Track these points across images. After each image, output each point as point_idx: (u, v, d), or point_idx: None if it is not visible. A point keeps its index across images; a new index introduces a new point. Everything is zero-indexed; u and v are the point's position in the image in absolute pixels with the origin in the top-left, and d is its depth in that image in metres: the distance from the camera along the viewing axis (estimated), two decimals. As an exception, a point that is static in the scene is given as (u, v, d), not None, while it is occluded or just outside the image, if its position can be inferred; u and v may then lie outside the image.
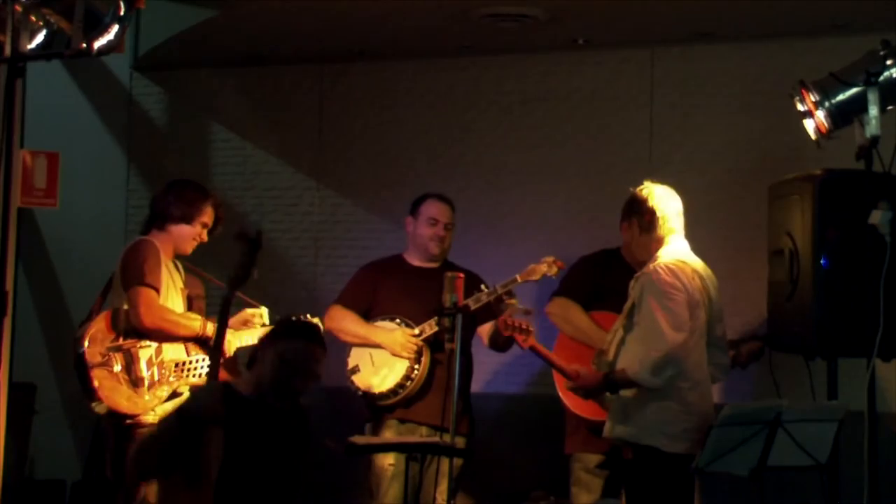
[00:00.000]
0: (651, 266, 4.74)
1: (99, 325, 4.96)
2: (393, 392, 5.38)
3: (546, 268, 5.27)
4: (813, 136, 4.40)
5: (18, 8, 3.72)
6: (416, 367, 5.36)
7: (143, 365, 4.91)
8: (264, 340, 4.28)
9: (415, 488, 4.89)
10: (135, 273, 4.95)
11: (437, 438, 5.13)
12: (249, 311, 5.18)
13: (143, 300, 4.90)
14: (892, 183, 4.15)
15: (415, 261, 5.58)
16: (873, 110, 4.13)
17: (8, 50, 3.73)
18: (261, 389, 4.15)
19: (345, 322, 5.50)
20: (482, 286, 5.23)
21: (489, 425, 6.08)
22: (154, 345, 4.95)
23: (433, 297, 5.02)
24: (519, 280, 5.23)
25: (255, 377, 4.17)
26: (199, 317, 5.10)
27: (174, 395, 4.95)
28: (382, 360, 5.41)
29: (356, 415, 5.57)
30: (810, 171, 4.65)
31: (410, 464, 4.80)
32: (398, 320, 5.43)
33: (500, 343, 5.46)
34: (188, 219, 5.11)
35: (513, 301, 5.25)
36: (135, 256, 5.00)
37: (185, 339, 5.00)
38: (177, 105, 7.58)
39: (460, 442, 5.22)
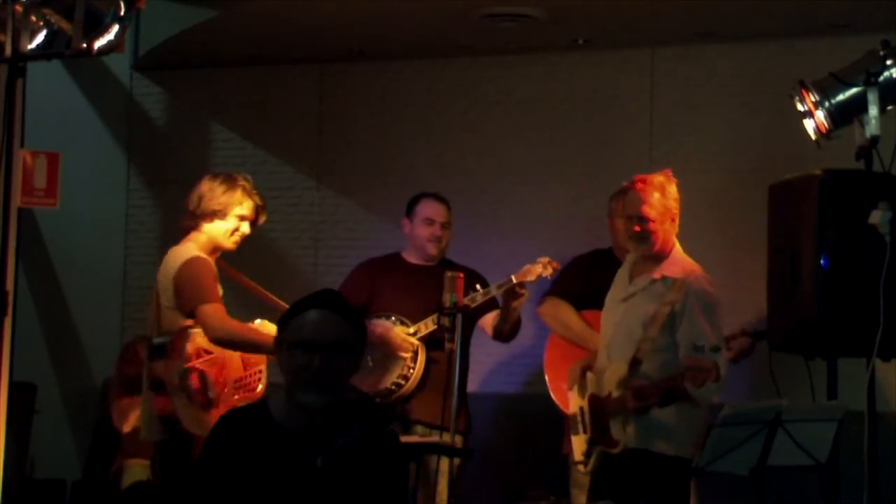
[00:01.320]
0: (688, 273, 4.67)
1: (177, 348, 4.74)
2: (388, 391, 5.37)
3: (541, 268, 5.26)
4: (813, 136, 4.39)
5: (18, 8, 3.72)
6: (412, 366, 5.35)
7: (213, 385, 4.73)
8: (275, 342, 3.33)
9: (413, 487, 4.89)
10: (193, 295, 4.72)
11: (436, 438, 5.13)
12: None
13: (209, 317, 4.68)
14: (892, 183, 4.14)
15: (413, 259, 5.58)
16: (873, 110, 4.12)
17: (8, 50, 3.73)
18: (293, 398, 3.14)
19: None
20: (477, 286, 5.22)
21: (487, 425, 6.08)
22: (217, 362, 4.77)
23: (431, 295, 5.01)
24: (514, 280, 5.22)
25: (284, 389, 3.20)
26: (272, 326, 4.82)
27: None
28: (378, 358, 5.40)
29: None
30: (810, 171, 4.64)
31: (409, 463, 4.79)
32: (394, 318, 5.42)
33: (504, 333, 5.43)
34: (221, 214, 4.83)
35: (523, 292, 5.21)
36: (188, 279, 4.75)
37: (263, 350, 4.74)
38: (177, 105, 7.59)
39: (458, 440, 5.22)
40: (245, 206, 4.87)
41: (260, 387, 4.93)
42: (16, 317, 5.44)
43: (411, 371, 5.35)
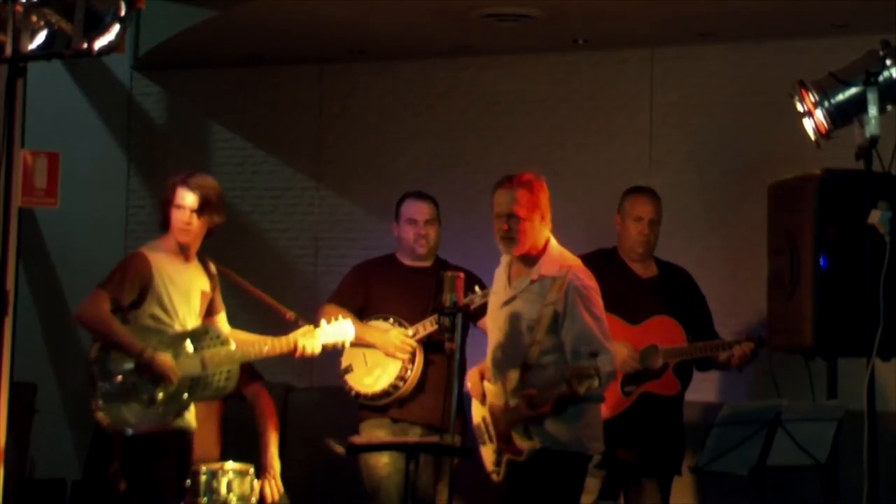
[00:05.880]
0: (565, 269, 4.70)
1: None
2: (386, 393, 5.36)
3: None
4: (812, 137, 4.39)
5: (19, 8, 3.72)
6: (410, 367, 5.34)
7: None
8: None
9: (411, 488, 4.88)
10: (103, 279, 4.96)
11: (437, 438, 5.12)
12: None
13: (89, 298, 4.90)
14: (892, 183, 4.14)
15: (407, 260, 5.57)
16: (873, 110, 4.13)
17: (9, 50, 3.73)
18: None
19: None
20: (476, 288, 5.22)
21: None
22: None
23: (426, 296, 5.01)
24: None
25: None
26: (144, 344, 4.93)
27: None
28: (375, 360, 5.39)
29: (354, 414, 5.56)
30: (810, 171, 4.65)
31: (410, 463, 4.79)
32: (392, 320, 5.41)
33: None
34: (166, 208, 5.00)
35: None
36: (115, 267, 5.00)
37: (125, 350, 4.88)
38: (177, 105, 7.59)
39: (456, 440, 5.21)
40: (176, 195, 4.97)
41: None
42: (16, 317, 5.45)
43: (409, 373, 5.34)
